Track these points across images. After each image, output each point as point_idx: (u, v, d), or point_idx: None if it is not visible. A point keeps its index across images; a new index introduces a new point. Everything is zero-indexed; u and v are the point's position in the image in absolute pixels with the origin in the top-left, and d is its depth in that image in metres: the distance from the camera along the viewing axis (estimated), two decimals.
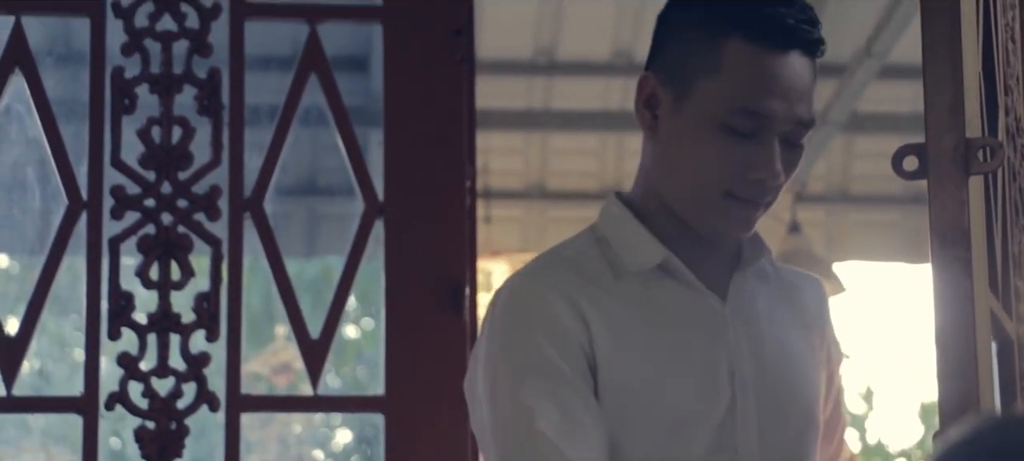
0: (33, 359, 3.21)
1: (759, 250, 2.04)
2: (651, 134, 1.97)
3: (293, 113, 3.10)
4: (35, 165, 3.12)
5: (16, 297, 3.12)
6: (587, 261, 1.99)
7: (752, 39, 1.91)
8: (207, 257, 3.03)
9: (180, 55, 3.08)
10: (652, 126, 1.97)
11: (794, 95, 1.91)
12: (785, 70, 1.91)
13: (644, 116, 1.97)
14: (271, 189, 3.07)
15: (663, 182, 1.99)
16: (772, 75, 1.90)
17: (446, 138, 3.11)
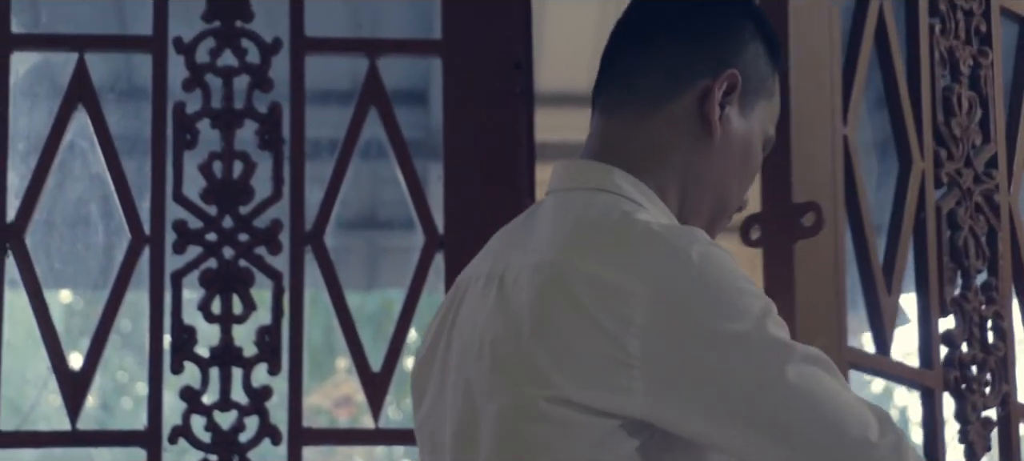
0: (97, 393, 3.24)
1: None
2: (711, 130, 1.85)
3: (353, 147, 3.12)
4: (98, 200, 3.15)
5: (80, 332, 3.15)
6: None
7: (779, 80, 1.96)
8: (268, 291, 3.05)
9: (241, 90, 3.10)
10: (716, 123, 1.86)
11: None
12: None
13: (715, 111, 1.85)
14: (332, 222, 3.08)
15: (705, 186, 1.88)
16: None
17: (506, 171, 3.11)
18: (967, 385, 2.99)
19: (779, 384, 1.68)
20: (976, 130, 3.10)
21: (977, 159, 3.09)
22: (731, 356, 1.68)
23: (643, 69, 1.88)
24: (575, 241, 1.76)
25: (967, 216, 3.06)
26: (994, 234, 3.09)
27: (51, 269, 3.13)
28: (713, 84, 1.85)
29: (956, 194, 3.06)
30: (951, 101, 3.07)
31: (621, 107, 1.88)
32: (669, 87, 1.86)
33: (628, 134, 1.87)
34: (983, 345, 3.03)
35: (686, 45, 1.87)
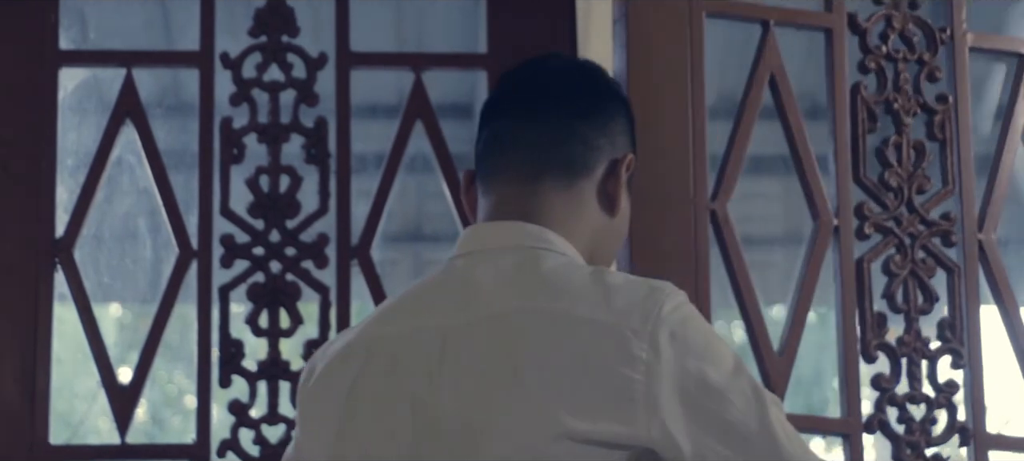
0: (146, 407, 3.26)
1: None
2: (615, 206, 2.03)
3: (399, 160, 3.13)
4: (146, 215, 3.17)
5: (128, 345, 3.17)
6: None
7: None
8: (316, 304, 3.06)
9: (287, 105, 3.11)
10: (619, 200, 2.03)
11: None
12: None
13: (619, 189, 2.03)
14: (378, 236, 3.09)
15: (608, 253, 2.06)
16: None
17: None
18: (906, 425, 3.04)
19: (766, 425, 1.84)
20: (924, 176, 3.11)
21: (925, 204, 3.10)
22: (729, 397, 1.83)
23: (556, 144, 2.01)
24: (555, 289, 1.88)
25: (907, 262, 3.08)
26: (953, 273, 3.09)
27: (100, 283, 3.16)
28: (618, 164, 2.03)
29: (891, 241, 3.08)
30: (885, 154, 3.10)
31: (539, 177, 2.00)
32: (582, 163, 2.01)
33: (551, 201, 2.01)
34: (934, 384, 3.06)
35: (590, 127, 2.02)
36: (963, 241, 3.11)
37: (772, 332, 3.05)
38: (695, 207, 3.01)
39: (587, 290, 1.87)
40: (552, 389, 1.80)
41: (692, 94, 3.04)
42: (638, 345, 1.81)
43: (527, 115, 2.02)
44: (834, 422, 3.09)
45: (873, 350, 3.05)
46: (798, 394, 3.32)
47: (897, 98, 3.13)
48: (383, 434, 1.88)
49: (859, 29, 3.14)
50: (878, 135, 3.12)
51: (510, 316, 1.86)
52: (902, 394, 3.06)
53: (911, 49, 3.15)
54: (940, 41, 3.16)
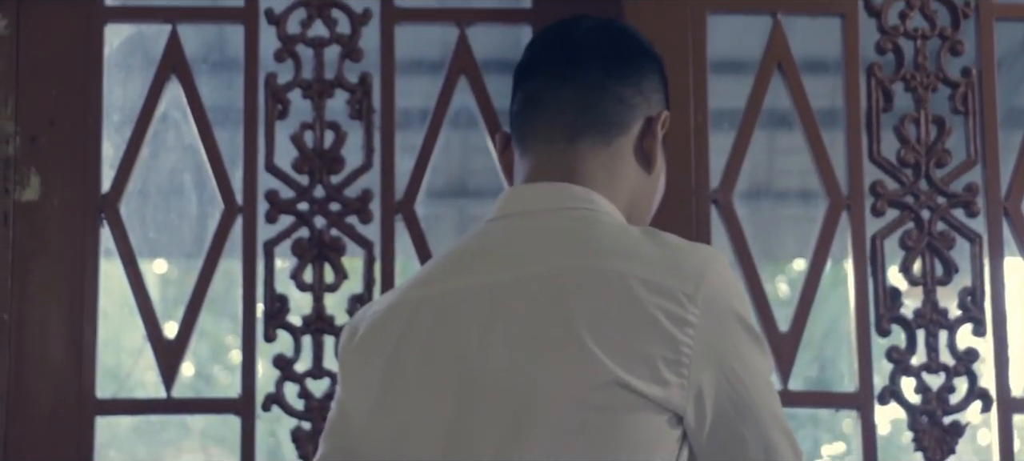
0: (192, 361, 3.27)
1: None
2: (652, 163, 2.05)
3: (443, 116, 3.13)
4: (191, 171, 3.18)
5: (174, 301, 3.18)
6: None
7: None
8: (360, 259, 3.07)
9: (332, 60, 3.12)
10: (656, 157, 2.06)
11: None
12: None
13: (656, 146, 2.05)
14: (422, 191, 3.10)
15: (646, 209, 2.09)
16: None
17: None
18: (923, 395, 3.06)
19: (779, 419, 1.91)
20: (944, 150, 3.12)
21: (946, 177, 3.12)
22: (756, 381, 1.88)
23: (591, 104, 2.02)
24: (606, 249, 1.90)
25: (924, 236, 3.10)
26: (975, 242, 3.10)
27: (145, 239, 3.17)
28: (654, 121, 2.04)
29: (908, 217, 3.11)
30: (902, 130, 3.12)
31: (576, 137, 2.01)
32: (618, 122, 2.02)
33: (590, 161, 2.02)
34: (954, 353, 3.08)
35: (625, 85, 2.03)
36: (987, 210, 3.11)
37: (784, 311, 3.09)
38: (697, 199, 3.04)
39: (639, 250, 1.88)
40: (603, 342, 1.82)
41: (694, 86, 3.08)
42: (691, 309, 1.83)
43: (561, 76, 2.03)
44: (847, 396, 3.09)
45: (887, 324, 3.06)
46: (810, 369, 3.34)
47: (915, 75, 3.13)
48: (428, 392, 1.89)
49: (875, 10, 3.14)
50: (895, 114, 3.14)
51: (561, 274, 1.87)
52: (918, 364, 3.07)
53: (932, 26, 3.15)
54: (962, 15, 3.16)
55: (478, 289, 1.90)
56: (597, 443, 1.81)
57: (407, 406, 1.90)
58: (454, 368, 1.88)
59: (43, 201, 3.03)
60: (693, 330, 1.83)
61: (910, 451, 3.09)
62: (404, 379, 1.91)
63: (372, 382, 1.94)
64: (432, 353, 1.90)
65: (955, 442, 3.06)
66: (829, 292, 3.31)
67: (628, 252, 1.88)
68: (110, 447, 3.19)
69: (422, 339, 1.91)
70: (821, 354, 3.69)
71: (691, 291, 1.84)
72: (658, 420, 1.83)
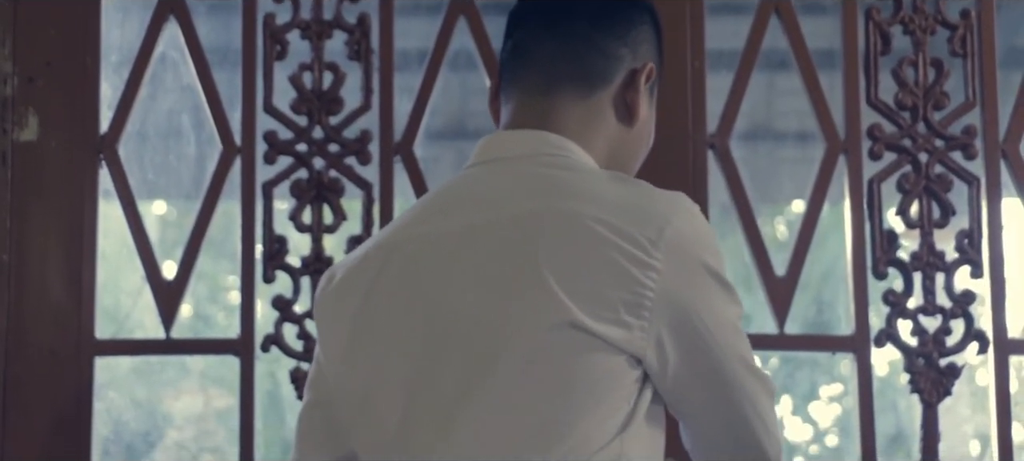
0: (190, 302, 3.28)
1: None
2: (633, 116, 2.05)
3: (442, 57, 3.12)
4: (190, 111, 3.17)
5: (173, 242, 3.18)
6: None
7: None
8: (359, 201, 3.07)
9: (330, 1, 3.11)
10: (638, 110, 2.05)
11: None
12: None
13: (637, 99, 2.04)
14: (421, 133, 3.10)
15: (627, 161, 2.08)
16: None
17: None
18: (919, 337, 3.08)
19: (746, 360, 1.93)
20: (942, 93, 3.12)
21: (943, 120, 3.12)
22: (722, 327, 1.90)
23: (575, 55, 2.02)
24: (576, 191, 1.91)
25: (921, 179, 3.10)
26: (972, 185, 3.11)
27: (144, 180, 3.17)
28: (637, 74, 2.04)
29: (905, 160, 3.11)
30: (900, 73, 3.12)
31: (556, 87, 2.02)
32: (600, 74, 2.03)
33: (569, 111, 2.02)
34: (950, 295, 3.09)
35: (610, 37, 2.04)
36: (985, 152, 3.11)
37: (781, 255, 3.09)
38: (694, 142, 3.04)
39: (606, 193, 1.90)
40: (564, 283, 1.83)
41: (691, 33, 3.07)
42: (655, 254, 1.84)
43: (547, 26, 2.04)
44: (844, 339, 3.11)
45: (884, 266, 3.07)
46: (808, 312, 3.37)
47: (913, 17, 3.13)
48: (395, 339, 1.91)
49: None
50: (893, 56, 3.14)
51: (529, 217, 1.88)
52: (915, 307, 3.08)
53: None
54: None
55: (448, 234, 1.92)
56: (554, 381, 1.83)
57: (374, 355, 1.92)
58: (421, 310, 1.90)
59: (41, 142, 3.03)
60: (656, 274, 1.84)
61: (906, 393, 3.10)
62: (372, 328, 1.93)
63: (342, 332, 1.96)
64: (401, 298, 1.92)
65: (951, 384, 3.07)
66: (826, 235, 3.31)
67: (594, 195, 1.89)
68: (109, 388, 3.20)
69: (392, 285, 1.93)
70: (818, 297, 3.70)
71: (654, 236, 1.85)
72: (616, 361, 1.84)
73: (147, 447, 3.43)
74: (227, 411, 3.33)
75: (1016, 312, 3.15)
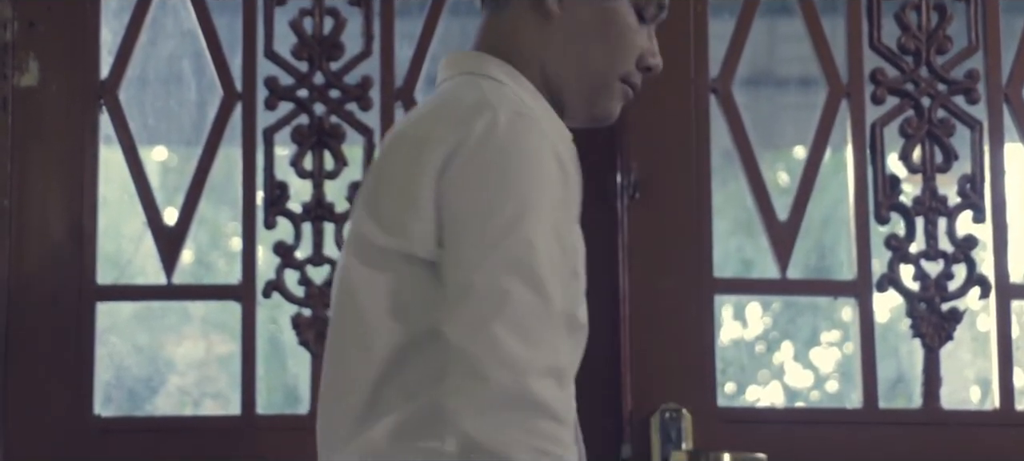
0: (192, 248, 3.27)
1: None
2: (548, 16, 2.02)
3: (443, 2, 3.11)
4: (190, 57, 3.16)
5: (174, 188, 3.18)
6: (555, 121, 2.04)
7: None
8: (360, 147, 3.06)
9: None
10: (552, 8, 2.03)
11: None
12: None
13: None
14: (421, 79, 3.09)
15: (562, 65, 2.04)
16: None
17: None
18: (921, 282, 3.07)
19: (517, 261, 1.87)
20: (945, 37, 3.12)
21: (946, 64, 3.11)
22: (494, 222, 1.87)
23: None
24: (418, 112, 2.00)
25: (924, 123, 3.09)
26: (975, 129, 3.11)
27: (145, 126, 3.16)
28: None
29: (908, 104, 3.09)
30: (903, 18, 3.11)
31: (484, 3, 2.08)
32: None
33: (491, 26, 2.06)
34: (953, 240, 3.09)
35: None
36: (988, 96, 3.11)
37: (783, 200, 3.09)
38: (696, 87, 3.03)
39: (430, 106, 1.98)
40: (376, 206, 1.92)
41: None
42: (436, 157, 1.88)
43: None
44: (845, 284, 3.10)
45: (886, 211, 3.06)
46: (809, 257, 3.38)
47: None
48: None
49: None
50: (895, 0, 3.13)
51: (387, 143, 2.00)
52: (917, 252, 3.08)
53: None
54: None
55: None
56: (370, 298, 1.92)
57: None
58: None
59: (42, 87, 3.02)
60: (447, 178, 1.88)
61: (908, 338, 3.10)
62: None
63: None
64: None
65: (953, 328, 3.07)
66: (828, 180, 3.31)
67: (419, 110, 1.98)
68: (111, 333, 3.20)
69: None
70: (820, 242, 3.70)
71: (454, 140, 1.88)
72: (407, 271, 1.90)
73: (149, 392, 3.43)
74: (228, 357, 3.33)
75: (1018, 257, 3.15)
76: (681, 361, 2.98)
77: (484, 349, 1.84)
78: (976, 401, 3.87)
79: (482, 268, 1.86)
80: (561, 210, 1.92)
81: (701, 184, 3.03)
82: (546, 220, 1.89)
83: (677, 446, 2.91)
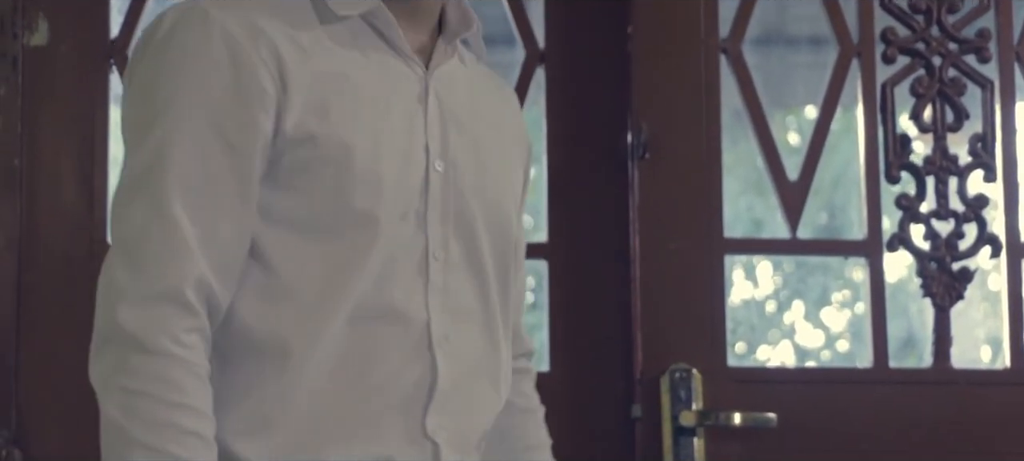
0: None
1: (467, 21, 1.96)
2: None
3: None
4: None
5: None
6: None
7: None
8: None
9: None
10: None
11: None
12: None
13: None
14: None
15: None
16: None
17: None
18: (932, 241, 3.07)
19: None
20: None
21: (957, 23, 3.11)
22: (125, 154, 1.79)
23: None
24: None
25: (934, 82, 3.09)
26: (986, 88, 3.10)
27: None
28: None
29: (919, 63, 3.09)
30: None
31: None
32: None
33: None
34: (963, 199, 3.09)
35: None
36: (999, 55, 3.11)
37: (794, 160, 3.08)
38: (706, 47, 3.02)
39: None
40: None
41: None
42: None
43: None
44: (856, 244, 3.11)
45: (896, 171, 3.06)
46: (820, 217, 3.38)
47: None
48: None
49: None
50: None
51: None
52: (927, 211, 3.08)
53: None
54: None
55: None
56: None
57: None
58: None
59: (51, 47, 3.02)
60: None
61: (918, 297, 3.10)
62: None
63: None
64: None
65: (964, 288, 3.07)
66: (839, 140, 3.31)
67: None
68: None
69: None
70: (831, 202, 3.71)
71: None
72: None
73: None
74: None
75: None
76: (691, 321, 2.98)
77: (102, 280, 1.74)
78: (987, 360, 3.88)
79: (118, 191, 1.78)
80: (232, 102, 1.76)
81: (711, 144, 3.03)
82: (192, 121, 1.74)
83: (687, 406, 2.91)
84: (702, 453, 2.90)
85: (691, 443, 2.90)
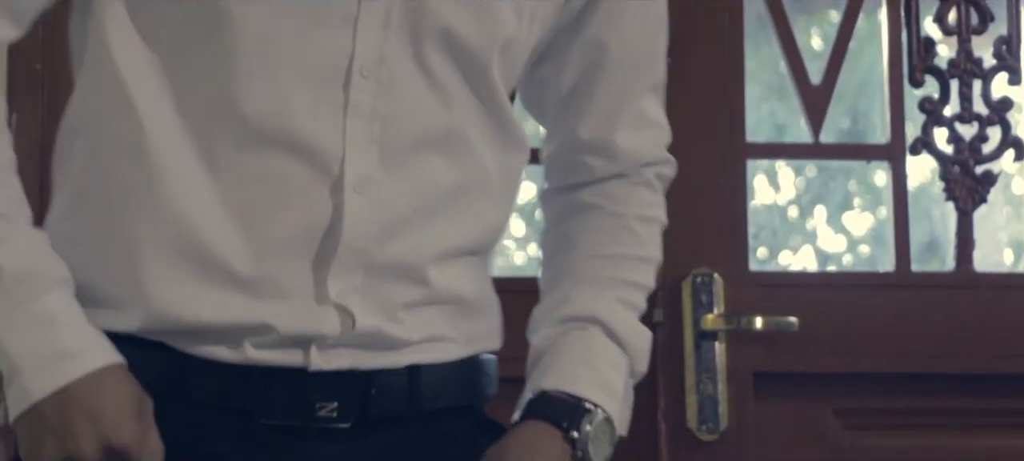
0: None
1: None
2: None
3: None
4: None
5: None
6: None
7: None
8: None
9: None
10: None
11: None
12: None
13: None
14: None
15: None
16: None
17: None
18: (955, 145, 3.06)
19: None
20: None
21: None
22: None
23: None
24: None
25: None
26: None
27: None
28: None
29: None
30: None
31: None
32: None
33: None
34: (988, 102, 3.07)
35: None
36: None
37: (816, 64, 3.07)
38: None
39: None
40: None
41: None
42: None
43: None
44: (879, 148, 3.10)
45: (920, 74, 3.05)
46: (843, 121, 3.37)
47: None
48: None
49: None
50: None
51: None
52: (951, 115, 3.07)
53: None
54: None
55: None
56: None
57: None
58: None
59: None
60: None
61: (941, 201, 3.10)
62: None
63: None
64: None
65: (987, 191, 3.07)
66: (863, 43, 3.30)
67: None
68: None
69: None
70: (854, 106, 3.69)
71: None
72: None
73: None
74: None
75: None
76: (713, 226, 2.98)
77: None
78: (1009, 264, 3.87)
79: None
80: None
81: (734, 49, 3.01)
82: None
83: (709, 310, 2.92)
84: (724, 357, 2.91)
85: (713, 347, 2.91)
